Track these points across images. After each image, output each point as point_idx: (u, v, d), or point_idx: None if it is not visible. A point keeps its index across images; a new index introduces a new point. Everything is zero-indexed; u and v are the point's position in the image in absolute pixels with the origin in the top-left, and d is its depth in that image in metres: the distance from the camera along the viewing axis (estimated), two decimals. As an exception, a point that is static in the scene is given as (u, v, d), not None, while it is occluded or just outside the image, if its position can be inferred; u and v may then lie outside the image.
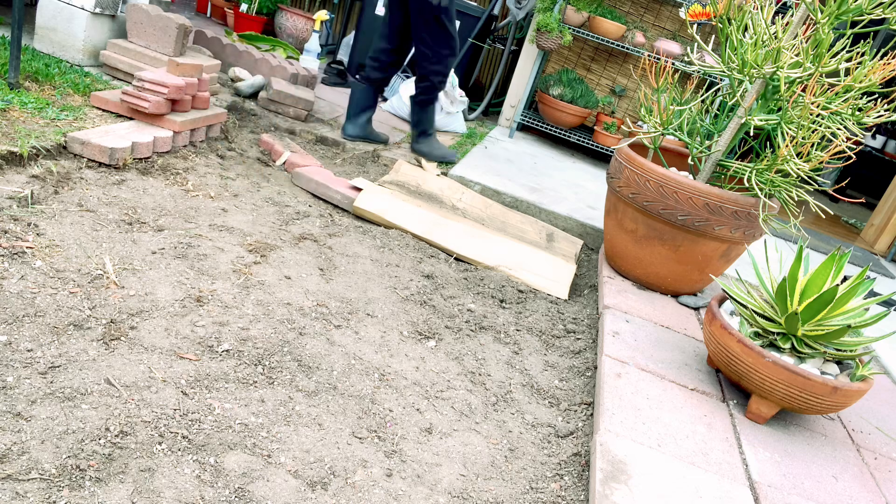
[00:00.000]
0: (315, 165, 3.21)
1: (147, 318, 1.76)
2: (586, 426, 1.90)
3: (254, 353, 1.76)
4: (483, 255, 2.83)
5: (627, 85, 5.47)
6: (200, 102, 3.00)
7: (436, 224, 2.95)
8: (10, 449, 1.27)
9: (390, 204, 2.94)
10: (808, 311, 1.90)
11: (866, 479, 1.87)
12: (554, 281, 2.80)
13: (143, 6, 3.27)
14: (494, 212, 3.31)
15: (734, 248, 2.61)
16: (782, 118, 2.41)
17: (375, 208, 2.90)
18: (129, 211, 2.25)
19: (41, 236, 1.94)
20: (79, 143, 2.41)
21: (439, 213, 3.07)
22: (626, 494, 1.50)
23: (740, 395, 2.12)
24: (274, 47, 4.85)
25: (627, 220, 2.70)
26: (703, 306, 2.75)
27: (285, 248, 2.38)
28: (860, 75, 2.26)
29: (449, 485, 1.54)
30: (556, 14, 4.82)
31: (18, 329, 1.57)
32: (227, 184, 2.77)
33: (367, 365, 1.88)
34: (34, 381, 1.45)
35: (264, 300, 2.02)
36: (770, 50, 2.35)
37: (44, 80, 2.85)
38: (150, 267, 1.98)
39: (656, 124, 2.68)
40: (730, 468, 1.72)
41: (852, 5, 2.24)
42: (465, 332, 2.23)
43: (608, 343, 2.17)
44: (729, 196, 2.46)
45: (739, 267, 3.27)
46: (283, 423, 1.57)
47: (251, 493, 1.35)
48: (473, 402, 1.88)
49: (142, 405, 1.48)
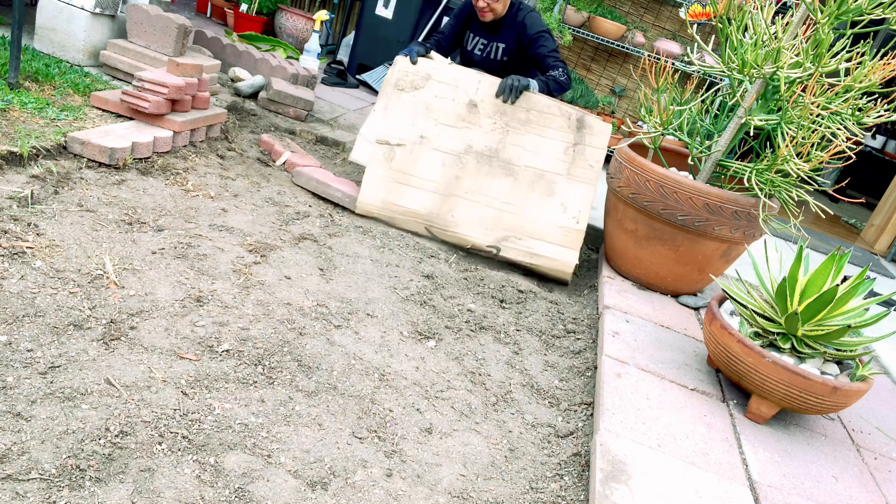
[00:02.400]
0: (315, 165, 3.21)
1: (147, 318, 1.76)
2: (586, 426, 1.90)
3: (254, 353, 1.76)
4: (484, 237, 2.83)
5: (627, 85, 5.47)
6: (200, 102, 3.00)
7: (444, 203, 2.88)
8: (10, 449, 1.27)
9: (392, 197, 2.92)
10: (808, 312, 1.90)
11: (866, 479, 1.87)
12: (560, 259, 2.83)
13: (143, 6, 3.27)
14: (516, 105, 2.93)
15: (734, 248, 2.61)
16: (782, 118, 2.41)
17: (378, 206, 2.89)
18: (129, 211, 2.25)
19: (41, 236, 1.94)
20: (79, 143, 2.41)
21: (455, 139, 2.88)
22: (626, 494, 1.50)
23: (740, 395, 2.12)
24: (274, 47, 4.85)
25: (627, 220, 2.70)
26: (703, 306, 2.75)
27: (285, 248, 2.38)
28: (860, 75, 2.26)
29: (449, 485, 1.54)
30: (556, 14, 4.82)
31: (18, 329, 1.57)
32: (227, 184, 2.77)
33: (367, 365, 1.88)
34: (34, 381, 1.45)
35: (264, 300, 2.02)
36: (770, 50, 2.35)
37: (44, 80, 2.85)
38: (150, 267, 1.98)
39: (656, 124, 2.68)
40: (730, 468, 1.72)
41: (852, 5, 2.24)
42: (465, 332, 2.23)
43: (608, 343, 2.17)
44: (729, 196, 2.46)
45: (739, 267, 3.27)
46: (283, 423, 1.57)
47: (251, 494, 1.35)
48: (473, 402, 1.88)
49: (142, 405, 1.48)
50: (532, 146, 2.89)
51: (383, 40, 5.18)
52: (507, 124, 2.91)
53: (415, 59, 2.92)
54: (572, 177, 2.89)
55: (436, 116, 2.92)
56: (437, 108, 2.92)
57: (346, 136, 3.86)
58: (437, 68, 2.94)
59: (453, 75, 2.94)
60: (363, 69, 5.35)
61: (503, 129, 2.91)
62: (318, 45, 4.74)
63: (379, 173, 2.92)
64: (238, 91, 3.80)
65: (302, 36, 5.63)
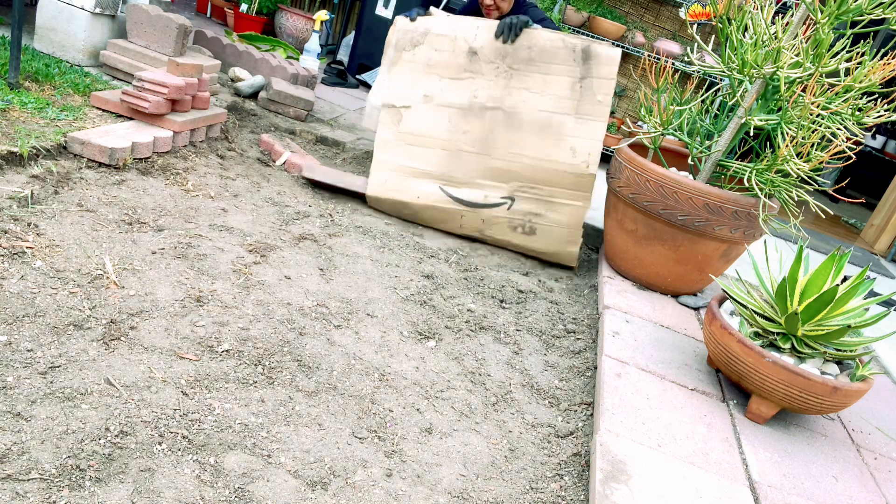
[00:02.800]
0: (316, 165, 3.21)
1: (147, 318, 1.76)
2: (586, 426, 1.90)
3: (254, 353, 1.76)
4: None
5: (627, 85, 5.47)
6: (200, 102, 3.00)
7: (452, 160, 2.88)
8: (10, 449, 1.27)
9: (403, 160, 2.94)
10: (808, 312, 1.90)
11: (866, 479, 1.87)
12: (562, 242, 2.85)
13: (143, 6, 3.27)
14: (518, 45, 2.86)
15: (734, 248, 2.61)
16: (782, 118, 2.41)
17: (393, 170, 2.93)
18: (129, 211, 2.25)
19: (41, 236, 1.94)
20: (79, 143, 2.41)
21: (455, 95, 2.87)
22: (626, 494, 1.50)
23: (740, 395, 2.12)
24: (274, 47, 4.85)
25: (627, 220, 2.70)
26: (703, 306, 2.75)
27: (285, 248, 2.38)
28: (860, 75, 2.26)
29: (449, 485, 1.54)
30: (556, 14, 4.82)
31: (18, 329, 1.57)
32: (227, 184, 2.77)
33: (367, 365, 1.88)
34: (34, 381, 1.45)
35: (264, 300, 2.02)
36: (770, 50, 2.35)
37: (44, 80, 2.85)
38: (150, 267, 1.98)
39: (656, 124, 2.68)
40: (730, 468, 1.72)
41: (852, 5, 2.24)
42: (465, 332, 2.23)
43: (608, 343, 2.17)
44: (729, 196, 2.46)
45: (739, 267, 3.27)
46: (283, 423, 1.57)
47: (251, 494, 1.35)
48: (473, 402, 1.88)
49: (142, 405, 1.48)
50: (537, 87, 2.82)
51: (383, 40, 5.17)
52: (511, 66, 2.84)
53: (414, 17, 2.92)
54: (581, 115, 2.81)
55: (437, 72, 2.89)
56: (437, 63, 2.88)
57: (346, 135, 3.86)
58: (434, 22, 2.91)
59: (451, 25, 2.89)
60: (363, 69, 5.35)
61: (506, 72, 2.85)
62: (318, 45, 4.74)
63: (388, 137, 2.92)
64: (238, 91, 3.80)
65: (302, 36, 5.63)
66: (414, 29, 2.90)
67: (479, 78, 2.88)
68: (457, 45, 2.88)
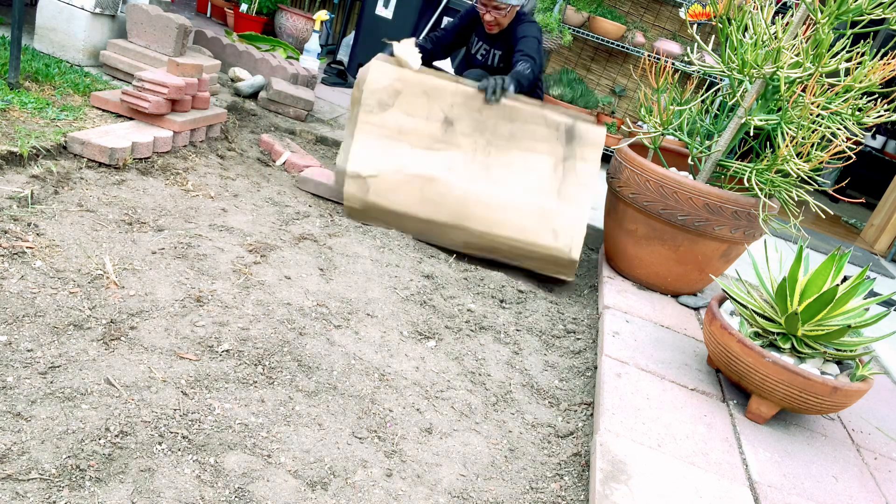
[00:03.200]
0: (315, 166, 3.21)
1: (147, 318, 1.76)
2: (586, 426, 1.90)
3: (254, 353, 1.76)
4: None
5: (627, 85, 5.47)
6: (200, 102, 3.00)
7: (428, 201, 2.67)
8: (10, 449, 1.27)
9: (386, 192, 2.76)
10: (808, 312, 1.90)
11: (866, 480, 1.87)
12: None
13: (143, 6, 3.27)
14: (497, 114, 2.66)
15: (734, 248, 2.61)
16: (782, 118, 2.41)
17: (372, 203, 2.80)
18: (129, 211, 2.25)
19: (41, 236, 1.94)
20: (79, 143, 2.41)
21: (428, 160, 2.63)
22: (626, 494, 1.50)
23: (740, 395, 2.12)
24: (274, 47, 4.85)
25: (627, 220, 2.70)
26: (703, 306, 2.75)
27: (285, 248, 2.38)
28: (860, 75, 2.26)
29: (449, 485, 1.54)
30: (556, 14, 4.82)
31: (18, 329, 1.57)
32: (227, 184, 2.77)
33: (367, 365, 1.88)
34: (34, 381, 1.45)
35: (264, 300, 2.02)
36: (770, 50, 2.35)
37: (44, 80, 2.85)
38: (150, 267, 1.98)
39: (656, 124, 2.68)
40: (730, 468, 1.72)
41: (852, 5, 2.24)
42: (465, 332, 2.23)
43: (608, 343, 2.17)
44: (729, 196, 2.46)
45: (739, 267, 3.27)
46: (283, 423, 1.57)
47: (251, 493, 1.35)
48: (473, 402, 1.88)
49: (142, 405, 1.48)
50: (517, 165, 2.67)
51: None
52: (489, 142, 2.66)
53: (391, 52, 2.75)
54: (563, 197, 2.68)
55: (409, 140, 2.68)
56: (409, 131, 2.67)
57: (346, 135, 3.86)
58: (407, 77, 2.66)
59: (423, 89, 2.65)
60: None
61: (485, 148, 2.67)
62: (318, 45, 4.75)
63: (357, 207, 2.76)
64: (238, 91, 3.80)
65: (302, 36, 5.63)
66: (383, 89, 2.65)
67: (454, 150, 2.67)
68: (431, 111, 2.65)
